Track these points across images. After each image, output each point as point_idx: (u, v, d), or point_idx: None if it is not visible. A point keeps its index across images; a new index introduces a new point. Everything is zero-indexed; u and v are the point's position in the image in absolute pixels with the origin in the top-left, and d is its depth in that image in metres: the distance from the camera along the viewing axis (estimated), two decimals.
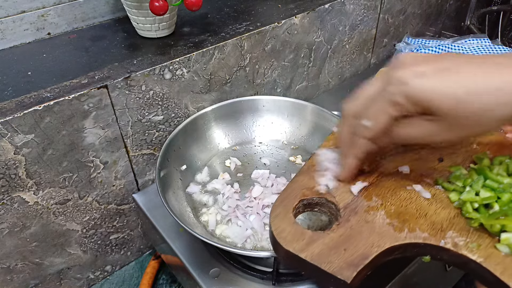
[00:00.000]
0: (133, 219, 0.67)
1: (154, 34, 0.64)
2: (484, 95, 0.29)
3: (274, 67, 0.74)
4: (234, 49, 0.65)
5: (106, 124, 0.55)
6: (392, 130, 0.34)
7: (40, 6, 0.62)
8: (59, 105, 0.50)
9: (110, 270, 0.68)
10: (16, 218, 0.52)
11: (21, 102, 0.49)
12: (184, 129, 0.61)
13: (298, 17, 0.71)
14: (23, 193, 0.52)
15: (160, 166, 0.55)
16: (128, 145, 0.59)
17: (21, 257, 0.55)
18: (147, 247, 0.72)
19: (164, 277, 0.69)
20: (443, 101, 0.30)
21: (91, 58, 0.59)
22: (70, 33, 0.66)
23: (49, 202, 0.55)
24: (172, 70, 0.59)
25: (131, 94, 0.56)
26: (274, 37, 0.70)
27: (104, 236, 0.64)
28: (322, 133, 0.64)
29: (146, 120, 0.60)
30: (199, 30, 0.67)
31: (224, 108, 0.66)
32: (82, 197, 0.58)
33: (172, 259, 0.57)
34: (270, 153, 0.67)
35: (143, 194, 0.64)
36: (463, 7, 1.14)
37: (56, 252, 0.59)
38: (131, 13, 0.62)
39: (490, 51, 0.87)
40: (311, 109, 0.66)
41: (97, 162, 0.57)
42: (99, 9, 0.69)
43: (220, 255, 0.53)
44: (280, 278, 0.50)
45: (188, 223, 0.50)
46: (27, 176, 0.51)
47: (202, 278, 0.51)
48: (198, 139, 0.64)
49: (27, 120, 0.48)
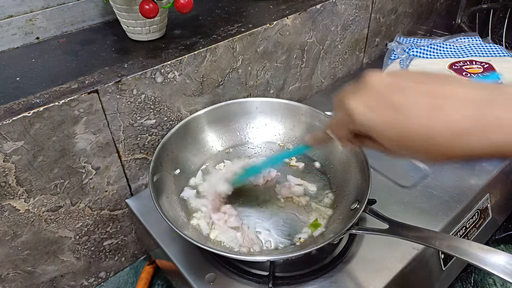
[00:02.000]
0: (126, 224, 0.66)
1: (144, 37, 0.63)
2: (418, 141, 0.30)
3: (267, 69, 0.73)
4: (226, 51, 0.64)
5: (98, 129, 0.55)
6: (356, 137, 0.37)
7: (28, 10, 0.61)
8: (49, 111, 0.49)
9: (104, 276, 0.67)
10: (6, 227, 0.51)
11: (10, 109, 0.48)
12: (177, 133, 0.61)
13: (290, 18, 0.71)
14: (14, 201, 0.51)
15: (153, 171, 0.54)
16: (120, 150, 0.59)
17: (12, 266, 0.54)
18: (141, 252, 0.71)
19: (159, 283, 0.69)
20: (382, 138, 0.32)
21: (81, 63, 0.58)
22: (59, 37, 0.65)
23: (41, 210, 0.54)
24: (164, 73, 0.58)
25: (122, 98, 0.55)
26: (266, 39, 0.69)
27: (97, 242, 0.63)
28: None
29: (138, 125, 0.59)
30: (190, 33, 0.66)
31: (217, 111, 0.66)
32: (74, 203, 0.57)
33: (167, 264, 0.56)
34: (264, 155, 0.66)
35: (136, 199, 0.63)
36: (453, 5, 1.15)
37: (49, 260, 0.58)
38: (121, 16, 0.61)
39: (481, 49, 0.88)
40: (305, 110, 0.66)
41: (89, 168, 0.56)
42: (88, 12, 0.68)
43: (215, 260, 0.52)
44: (276, 282, 0.49)
45: (182, 228, 0.50)
46: (17, 183, 0.50)
47: (198, 283, 0.50)
48: (191, 143, 0.64)
49: (16, 127, 0.47)
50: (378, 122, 0.31)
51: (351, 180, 0.57)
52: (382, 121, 0.31)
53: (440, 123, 0.28)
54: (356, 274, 0.50)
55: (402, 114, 0.30)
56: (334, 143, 0.40)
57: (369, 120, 0.32)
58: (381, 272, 0.50)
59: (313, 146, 0.45)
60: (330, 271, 0.51)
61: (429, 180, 0.64)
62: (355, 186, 0.56)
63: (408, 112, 0.30)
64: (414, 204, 0.59)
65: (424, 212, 0.58)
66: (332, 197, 0.58)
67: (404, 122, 0.30)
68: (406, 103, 0.30)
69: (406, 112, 0.30)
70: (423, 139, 0.29)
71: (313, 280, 0.50)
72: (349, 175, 0.58)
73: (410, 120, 0.29)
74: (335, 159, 0.62)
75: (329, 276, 0.50)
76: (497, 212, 0.70)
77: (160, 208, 0.48)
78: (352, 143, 0.38)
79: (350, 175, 0.58)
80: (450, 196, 0.61)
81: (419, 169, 0.66)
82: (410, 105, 0.30)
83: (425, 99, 0.29)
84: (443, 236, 0.42)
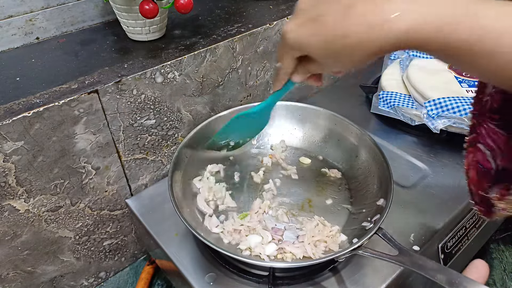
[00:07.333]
0: (126, 224, 0.66)
1: (144, 37, 0.63)
2: (338, 44, 0.33)
3: (267, 69, 0.73)
4: (226, 51, 0.64)
5: (97, 129, 0.55)
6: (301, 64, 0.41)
7: (28, 11, 0.61)
8: (49, 111, 0.49)
9: (104, 276, 0.67)
10: (6, 227, 0.51)
11: (10, 109, 0.48)
12: (194, 137, 0.61)
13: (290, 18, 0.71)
14: (14, 201, 0.51)
15: (172, 175, 0.54)
16: (120, 150, 0.59)
17: (12, 266, 0.54)
18: (141, 252, 0.71)
19: (159, 283, 0.69)
20: (313, 51, 0.35)
21: (81, 63, 0.58)
22: (59, 37, 0.65)
23: (41, 210, 0.54)
24: (164, 74, 0.58)
25: (122, 98, 0.55)
26: (266, 39, 0.69)
27: (97, 242, 0.63)
28: (335, 139, 0.65)
29: (138, 125, 0.59)
30: (190, 33, 0.66)
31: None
32: (74, 203, 0.57)
33: (167, 264, 0.56)
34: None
35: (136, 199, 0.63)
36: None
37: (49, 260, 0.58)
38: (121, 16, 0.61)
39: None
40: (324, 114, 0.66)
41: (88, 168, 0.56)
42: (88, 12, 0.68)
43: (215, 260, 0.52)
44: (276, 282, 0.49)
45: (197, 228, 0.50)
46: (17, 183, 0.50)
47: (198, 283, 0.50)
48: None
49: (16, 127, 0.47)
50: (306, 35, 0.35)
51: (368, 195, 0.56)
52: (309, 35, 0.35)
53: (353, 20, 0.31)
54: (356, 274, 0.50)
55: (322, 22, 0.33)
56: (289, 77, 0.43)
57: (298, 37, 0.35)
58: (382, 272, 0.50)
59: (281, 86, 0.47)
60: (330, 271, 0.51)
61: (429, 180, 0.64)
62: (371, 201, 0.54)
63: (327, 18, 0.33)
64: (414, 204, 0.59)
65: (424, 212, 0.58)
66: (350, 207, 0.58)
67: (325, 29, 0.33)
68: (325, 12, 0.33)
69: (325, 19, 0.33)
70: (341, 40, 0.32)
71: (313, 280, 0.50)
72: (369, 187, 0.57)
73: (329, 26, 0.33)
74: (355, 167, 0.62)
75: (329, 276, 0.50)
76: None
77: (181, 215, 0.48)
78: (298, 72, 0.42)
79: (370, 188, 0.57)
80: (450, 196, 0.61)
81: (419, 169, 0.66)
82: (328, 12, 0.33)
83: (340, 3, 0.33)
84: (452, 273, 0.39)
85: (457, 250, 0.61)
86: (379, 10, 0.30)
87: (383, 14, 0.30)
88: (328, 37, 0.33)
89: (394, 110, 0.74)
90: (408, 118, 0.71)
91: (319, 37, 0.34)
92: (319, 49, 0.35)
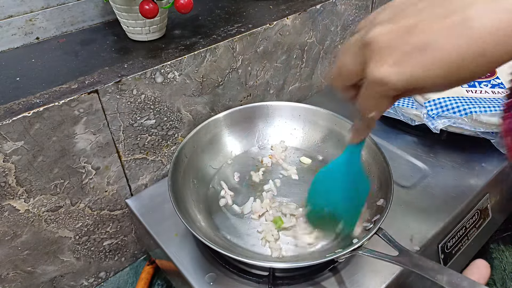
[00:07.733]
0: (126, 224, 0.66)
1: (144, 37, 0.63)
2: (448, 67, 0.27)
3: (267, 69, 0.73)
4: (226, 51, 0.64)
5: (97, 129, 0.55)
6: None
7: (28, 11, 0.61)
8: (49, 111, 0.49)
9: (104, 276, 0.67)
10: (6, 227, 0.51)
11: (10, 109, 0.48)
12: (194, 137, 0.61)
13: (290, 18, 0.71)
14: (14, 201, 0.51)
15: (172, 177, 0.54)
16: (120, 150, 0.59)
17: (12, 266, 0.54)
18: (141, 252, 0.71)
19: (159, 283, 0.69)
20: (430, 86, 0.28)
21: (81, 63, 0.58)
22: (59, 37, 0.65)
23: (41, 210, 0.54)
24: (164, 74, 0.58)
25: (122, 98, 0.55)
26: (266, 39, 0.69)
27: (97, 242, 0.63)
28: (335, 139, 0.65)
29: (138, 125, 0.59)
30: (190, 33, 0.66)
31: (236, 114, 0.66)
32: (74, 203, 0.57)
33: (167, 264, 0.56)
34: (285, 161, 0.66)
35: (136, 199, 0.63)
36: None
37: (49, 260, 0.58)
38: (121, 16, 0.61)
39: None
40: (324, 114, 0.66)
41: (88, 168, 0.56)
42: (88, 12, 0.68)
43: (215, 260, 0.52)
44: (276, 282, 0.49)
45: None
46: (17, 183, 0.50)
47: (198, 283, 0.50)
48: (210, 146, 0.64)
49: (16, 127, 0.47)
50: (419, 71, 0.27)
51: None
52: (417, 70, 0.27)
53: (468, 38, 0.25)
54: (356, 274, 0.50)
55: (429, 51, 0.26)
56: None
57: (405, 78, 0.27)
58: (382, 272, 0.50)
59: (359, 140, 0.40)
60: (330, 271, 0.51)
61: (429, 180, 0.64)
62: (371, 201, 0.54)
63: (434, 45, 0.26)
64: (414, 204, 0.59)
65: (424, 212, 0.58)
66: None
67: (435, 57, 0.26)
68: (427, 38, 0.27)
69: (433, 46, 0.26)
70: (454, 62, 0.26)
71: (313, 280, 0.50)
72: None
73: (439, 52, 0.26)
74: None
75: (329, 276, 0.50)
76: (497, 212, 0.70)
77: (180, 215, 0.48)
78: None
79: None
80: (450, 196, 0.61)
81: (419, 169, 0.66)
82: (432, 37, 0.26)
83: (444, 21, 0.26)
84: (452, 273, 0.38)
85: (457, 250, 0.61)
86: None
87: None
88: (442, 63, 0.26)
89: (394, 110, 0.74)
90: (408, 118, 0.71)
91: (433, 70, 0.27)
92: (439, 82, 0.27)
